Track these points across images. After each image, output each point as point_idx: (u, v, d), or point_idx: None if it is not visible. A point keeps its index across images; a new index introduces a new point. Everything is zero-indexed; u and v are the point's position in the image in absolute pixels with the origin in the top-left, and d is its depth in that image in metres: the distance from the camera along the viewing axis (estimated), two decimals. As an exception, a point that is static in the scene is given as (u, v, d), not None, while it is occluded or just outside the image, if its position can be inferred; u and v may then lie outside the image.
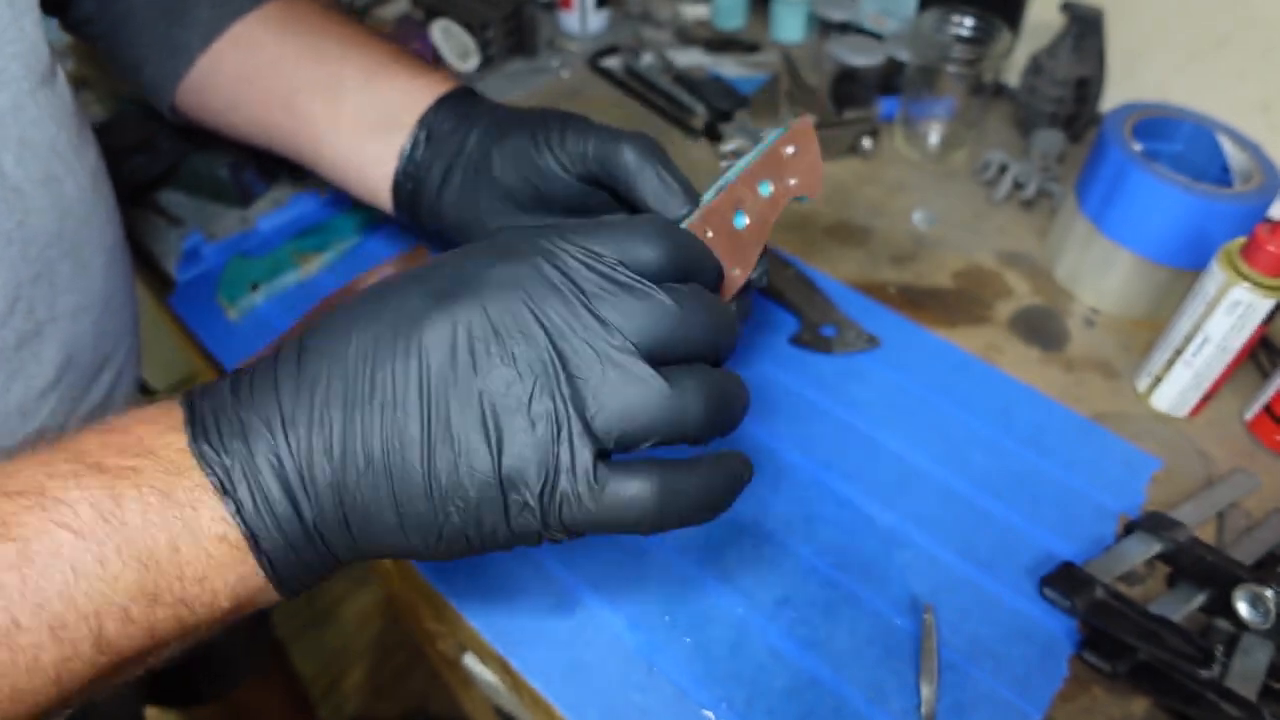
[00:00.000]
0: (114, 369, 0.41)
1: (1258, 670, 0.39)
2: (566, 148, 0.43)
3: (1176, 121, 0.60)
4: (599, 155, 0.42)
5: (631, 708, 0.41)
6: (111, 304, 0.40)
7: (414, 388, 0.26)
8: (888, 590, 0.45)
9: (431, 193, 0.47)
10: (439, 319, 0.26)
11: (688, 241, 0.30)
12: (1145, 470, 0.51)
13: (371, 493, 0.27)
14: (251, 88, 0.51)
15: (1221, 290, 0.48)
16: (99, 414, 0.40)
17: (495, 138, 0.45)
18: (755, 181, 0.37)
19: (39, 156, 0.35)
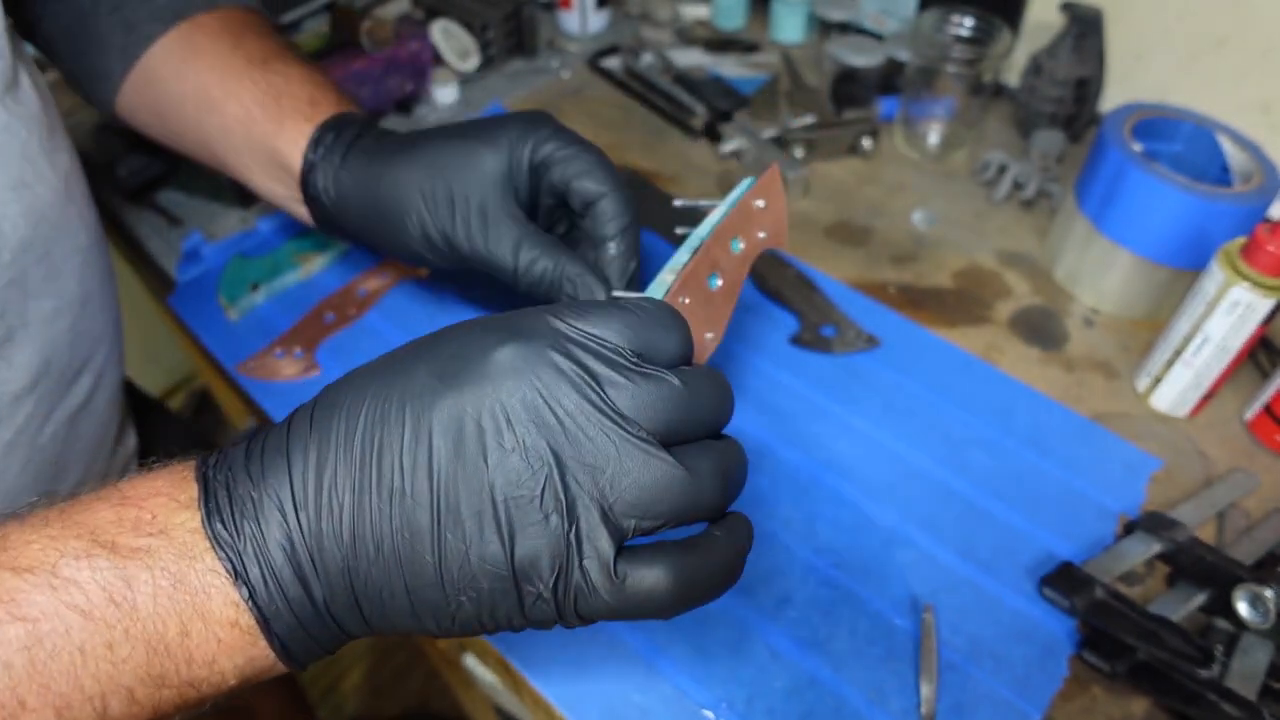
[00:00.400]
0: (94, 372, 0.41)
1: (1257, 670, 0.39)
2: (465, 258, 0.43)
3: (1176, 122, 0.60)
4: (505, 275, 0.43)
5: (631, 708, 0.41)
6: (89, 307, 0.40)
7: (423, 476, 0.26)
8: (888, 590, 0.45)
9: (350, 234, 0.48)
10: (447, 404, 0.26)
11: (686, 325, 0.30)
12: (1145, 470, 0.51)
13: (383, 578, 0.26)
14: (169, 124, 0.51)
15: (1221, 290, 0.48)
16: (78, 418, 0.40)
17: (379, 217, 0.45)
18: (728, 239, 0.36)
19: (8, 163, 0.35)
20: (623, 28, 0.93)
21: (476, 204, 0.43)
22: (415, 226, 0.43)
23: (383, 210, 0.44)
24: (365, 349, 0.58)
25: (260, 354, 0.57)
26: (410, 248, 0.45)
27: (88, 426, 0.41)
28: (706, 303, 0.34)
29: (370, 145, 0.45)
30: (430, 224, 0.43)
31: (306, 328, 0.59)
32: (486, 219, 0.43)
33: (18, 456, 0.36)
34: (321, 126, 0.46)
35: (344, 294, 0.61)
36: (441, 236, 0.43)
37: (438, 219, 0.43)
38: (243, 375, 0.56)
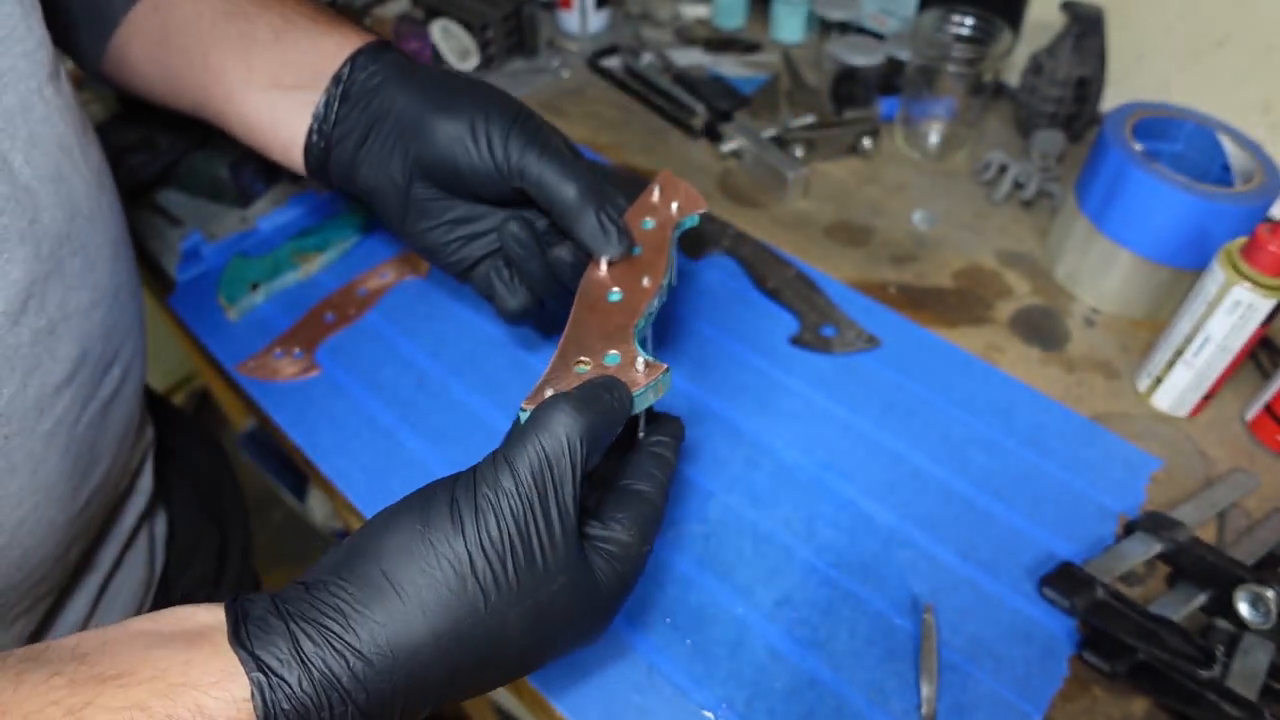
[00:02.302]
0: (123, 363, 0.42)
1: (1258, 670, 0.39)
2: (509, 157, 0.43)
3: (1177, 121, 0.60)
4: (539, 182, 0.43)
5: (631, 708, 0.41)
6: (119, 298, 0.41)
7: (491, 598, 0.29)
8: (888, 590, 0.45)
9: (345, 154, 0.46)
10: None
11: None
12: (1145, 470, 0.51)
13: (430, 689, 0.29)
14: (169, 48, 0.49)
15: (1222, 290, 0.48)
16: (109, 408, 0.41)
17: (428, 110, 0.44)
18: (636, 223, 0.45)
19: (48, 154, 0.35)
20: (623, 27, 0.93)
21: (538, 130, 0.44)
22: (472, 144, 0.43)
23: (442, 104, 0.44)
24: (365, 349, 0.58)
25: (260, 354, 0.57)
26: (446, 145, 0.44)
27: (117, 416, 0.42)
28: (632, 263, 0.43)
29: (429, 66, 0.46)
30: (489, 126, 0.43)
31: (306, 328, 0.59)
32: (542, 141, 0.43)
33: (57, 446, 0.36)
34: (386, 40, 0.47)
35: (344, 294, 0.61)
36: (499, 137, 0.43)
37: (498, 124, 0.43)
38: (242, 375, 0.56)
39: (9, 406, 0.33)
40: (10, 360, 0.32)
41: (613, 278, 0.42)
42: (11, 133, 0.34)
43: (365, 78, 0.46)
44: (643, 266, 0.42)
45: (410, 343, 0.58)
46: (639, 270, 0.42)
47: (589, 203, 0.42)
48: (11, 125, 0.34)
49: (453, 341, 0.58)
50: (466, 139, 0.43)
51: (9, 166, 0.33)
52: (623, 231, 0.43)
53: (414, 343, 0.58)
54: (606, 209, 0.43)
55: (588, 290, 0.41)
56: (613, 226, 0.42)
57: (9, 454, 0.33)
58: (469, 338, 0.58)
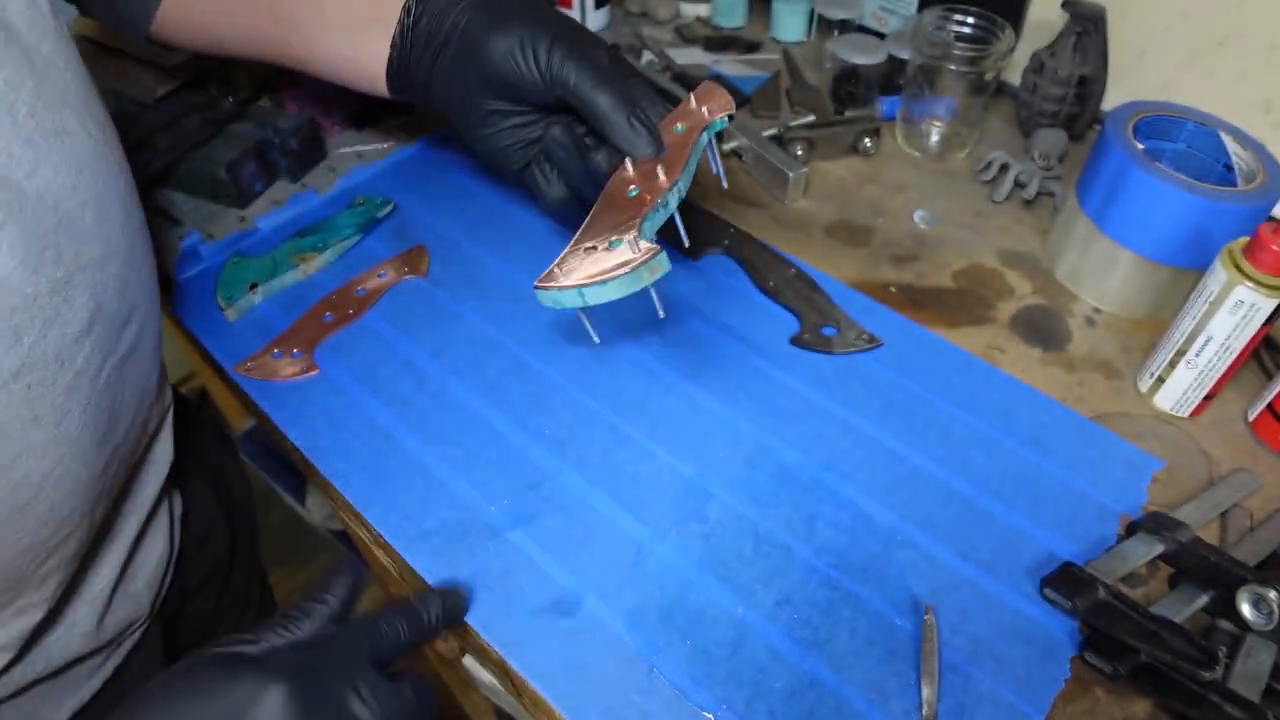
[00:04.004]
0: (138, 321, 0.42)
1: (1261, 672, 0.39)
2: (551, 69, 0.48)
3: (1179, 121, 0.59)
4: (577, 91, 0.48)
5: (631, 709, 0.41)
6: (134, 255, 0.42)
7: None
8: (888, 590, 0.45)
9: (424, 73, 0.51)
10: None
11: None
12: (1147, 470, 0.51)
13: None
14: (232, 3, 0.53)
15: (1224, 290, 0.48)
16: (126, 365, 0.42)
17: (485, 25, 0.49)
18: (670, 127, 0.48)
19: (51, 108, 0.35)
20: (622, 26, 0.93)
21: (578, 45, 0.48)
22: (522, 37, 0.48)
23: (496, 22, 0.49)
24: (364, 349, 0.57)
25: (259, 354, 0.57)
26: (500, 60, 0.48)
27: (135, 374, 0.43)
28: (655, 162, 0.46)
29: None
30: (536, 41, 0.48)
31: (305, 328, 0.59)
32: (581, 53, 0.48)
33: (78, 399, 0.37)
34: None
35: (343, 294, 0.61)
36: (544, 51, 0.48)
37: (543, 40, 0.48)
38: (241, 375, 0.56)
39: (30, 355, 0.33)
40: (30, 310, 0.33)
41: (636, 176, 0.46)
42: (18, 80, 0.34)
43: (432, 5, 0.50)
44: (664, 165, 0.46)
45: (409, 343, 0.58)
46: (660, 168, 0.46)
47: (620, 109, 0.47)
48: (18, 73, 0.34)
49: (452, 342, 0.58)
50: (516, 53, 0.48)
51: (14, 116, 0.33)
52: (652, 133, 0.47)
53: (413, 343, 0.58)
54: (637, 113, 0.47)
55: (611, 188, 0.46)
56: (643, 129, 0.47)
57: (32, 404, 0.34)
58: (469, 338, 0.58)
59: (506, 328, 0.59)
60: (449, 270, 0.63)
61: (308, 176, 0.71)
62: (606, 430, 0.53)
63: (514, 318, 0.59)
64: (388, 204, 0.67)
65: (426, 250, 0.64)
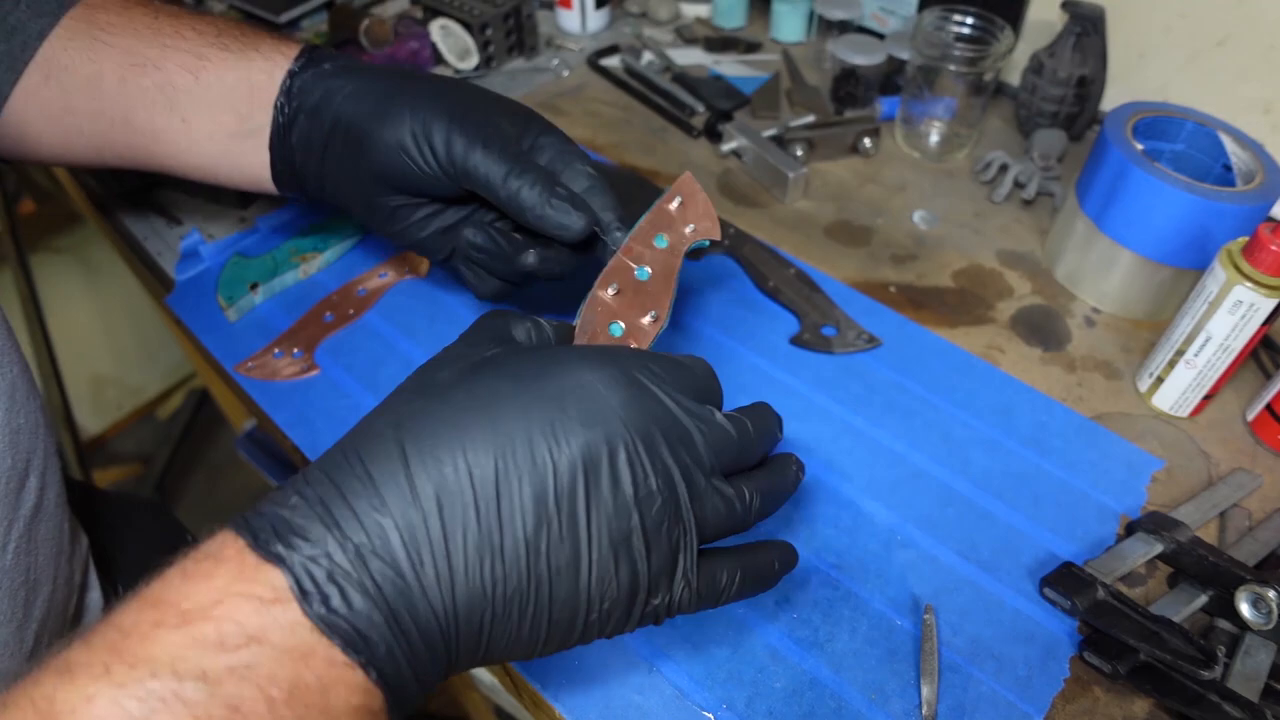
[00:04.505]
0: (38, 471, 0.38)
1: (1260, 671, 0.39)
2: (454, 160, 0.42)
3: (1178, 121, 0.59)
4: (486, 186, 0.42)
5: (631, 709, 0.41)
6: (17, 397, 0.37)
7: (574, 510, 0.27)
8: (888, 590, 0.45)
9: (313, 175, 0.47)
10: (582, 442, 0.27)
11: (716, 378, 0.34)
12: (1146, 470, 0.51)
13: (519, 618, 0.27)
14: (78, 116, 0.47)
15: (1224, 290, 0.48)
16: (35, 525, 0.37)
17: (368, 115, 0.43)
18: (649, 238, 0.41)
19: None
20: (622, 26, 0.93)
21: (476, 123, 0.43)
22: (410, 137, 0.43)
23: (379, 113, 0.43)
24: (364, 349, 0.58)
25: (259, 354, 0.57)
26: (390, 157, 0.43)
27: (46, 533, 0.38)
28: (638, 291, 0.40)
29: (370, 69, 0.46)
30: (429, 131, 0.43)
31: (305, 327, 0.59)
32: (484, 137, 0.43)
33: None
34: (308, 48, 0.46)
35: (343, 294, 0.61)
36: (440, 142, 0.42)
37: (437, 128, 0.43)
38: (241, 375, 0.56)
39: None
40: None
41: (617, 307, 0.39)
42: None
43: (303, 99, 0.45)
44: (647, 298, 0.40)
45: (410, 343, 0.58)
46: (644, 302, 0.40)
47: (540, 196, 0.41)
48: None
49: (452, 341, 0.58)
50: (409, 146, 0.43)
51: None
52: (577, 204, 0.42)
53: (413, 343, 0.58)
54: (556, 191, 0.42)
55: (590, 320, 0.39)
56: (565, 203, 0.42)
57: None
58: (468, 337, 0.58)
59: (507, 328, 0.59)
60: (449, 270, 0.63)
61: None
62: (607, 430, 0.52)
63: (514, 318, 0.59)
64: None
65: (427, 250, 0.64)
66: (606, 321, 0.39)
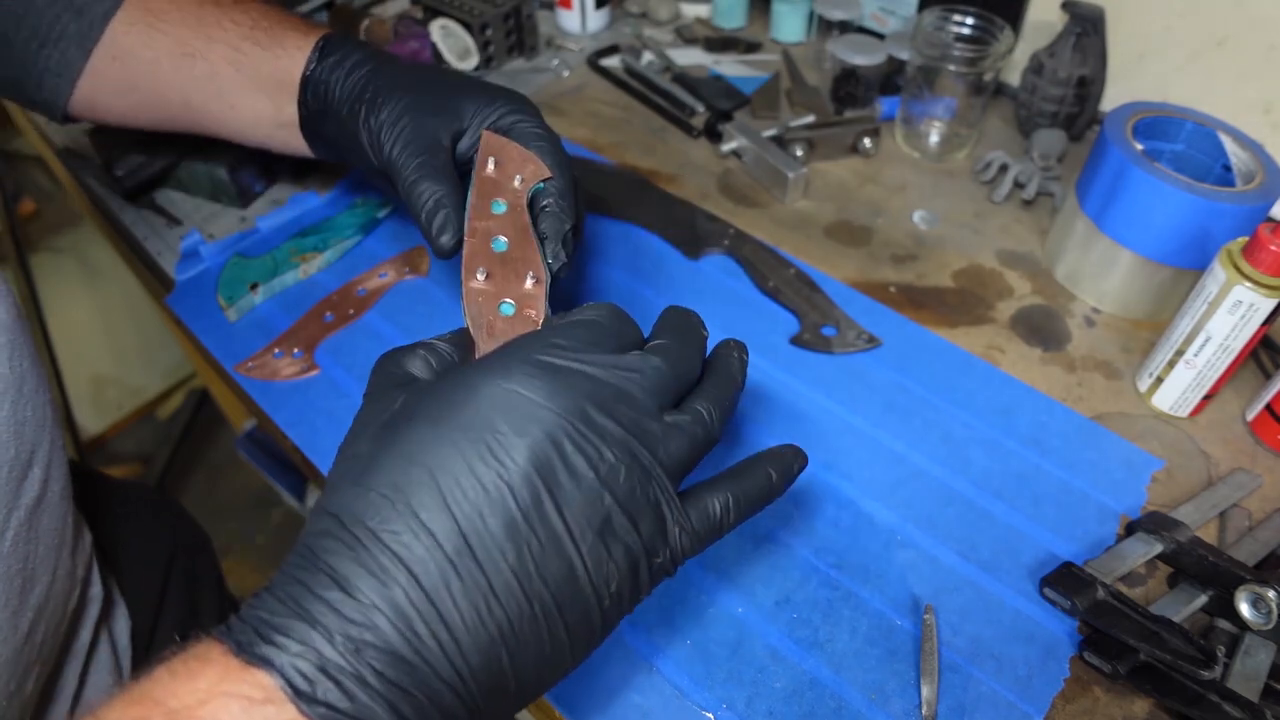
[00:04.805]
0: (42, 463, 0.38)
1: (1260, 671, 0.39)
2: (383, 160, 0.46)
3: (1178, 121, 0.60)
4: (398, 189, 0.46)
5: (631, 709, 0.41)
6: (25, 390, 0.37)
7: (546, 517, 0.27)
8: (888, 590, 0.45)
9: (345, 152, 0.51)
10: (527, 448, 0.27)
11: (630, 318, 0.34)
12: (1146, 470, 0.51)
13: (536, 643, 0.27)
14: (141, 95, 0.53)
15: (1223, 290, 0.48)
16: (36, 515, 0.38)
17: (353, 117, 0.48)
18: (485, 210, 0.41)
19: None
20: (622, 26, 0.93)
21: (412, 120, 0.46)
22: (362, 122, 0.47)
23: (354, 108, 0.48)
24: (364, 349, 0.58)
25: (259, 354, 0.57)
26: (361, 149, 0.48)
27: (47, 524, 0.39)
28: (505, 262, 0.39)
29: (364, 55, 0.49)
30: (372, 124, 0.47)
31: (305, 328, 0.59)
32: (411, 134, 0.46)
33: None
34: (323, 39, 0.50)
35: (343, 294, 0.61)
36: (376, 138, 0.47)
37: (376, 122, 0.47)
38: (241, 375, 0.56)
39: None
40: None
41: (496, 288, 0.38)
42: None
43: (318, 93, 0.50)
44: (518, 264, 0.39)
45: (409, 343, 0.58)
46: (517, 269, 0.39)
47: (419, 212, 0.43)
48: None
49: (452, 341, 0.58)
50: (365, 147, 0.47)
51: None
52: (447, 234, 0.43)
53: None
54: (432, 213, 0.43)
55: (477, 314, 0.37)
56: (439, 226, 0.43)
57: None
58: (468, 337, 0.58)
59: (507, 328, 0.59)
60: (449, 270, 0.63)
61: (308, 177, 0.71)
62: (607, 430, 0.53)
63: (514, 318, 0.59)
64: (387, 204, 0.67)
65: (427, 250, 0.64)
66: (494, 305, 0.37)
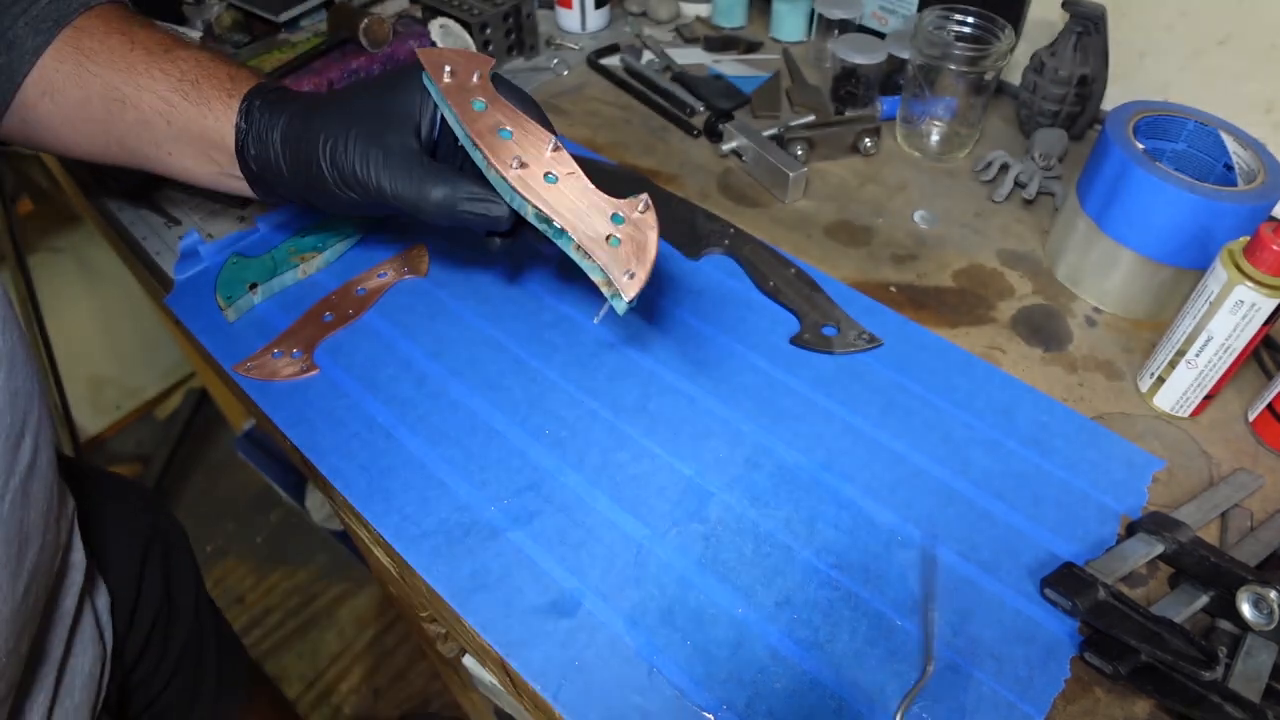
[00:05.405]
0: (32, 432, 0.40)
1: (1261, 672, 0.39)
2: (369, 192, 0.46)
3: (1179, 120, 0.59)
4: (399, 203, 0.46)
5: (631, 709, 0.41)
6: (15, 362, 0.39)
7: None
8: (888, 591, 0.45)
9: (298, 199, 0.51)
10: None
11: None
12: (1147, 470, 0.51)
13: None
14: (77, 131, 0.51)
15: (1225, 290, 0.48)
16: (29, 483, 0.39)
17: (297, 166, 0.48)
18: (471, 115, 0.45)
19: None
20: (622, 26, 0.93)
21: (377, 145, 0.46)
22: (329, 172, 0.46)
23: (306, 163, 0.47)
24: (364, 349, 0.57)
25: (258, 354, 0.57)
26: (333, 195, 0.48)
27: (38, 490, 0.41)
28: (520, 144, 0.46)
29: (294, 107, 0.48)
30: (340, 168, 0.46)
31: (304, 328, 0.58)
32: (384, 157, 0.45)
33: None
34: (246, 98, 0.49)
35: (342, 294, 0.61)
36: (351, 178, 0.46)
37: (346, 162, 0.46)
38: (240, 375, 0.56)
39: None
40: None
41: (532, 167, 0.45)
42: None
43: (257, 152, 0.49)
44: (528, 140, 0.46)
45: (409, 343, 0.58)
46: (532, 143, 0.45)
47: (450, 210, 0.45)
48: None
49: (452, 341, 0.58)
50: (331, 189, 0.47)
51: None
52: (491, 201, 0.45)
53: (413, 343, 0.58)
54: (464, 204, 0.45)
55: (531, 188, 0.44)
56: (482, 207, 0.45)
57: None
58: (468, 338, 0.58)
59: (506, 328, 0.59)
60: (449, 270, 0.63)
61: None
62: (606, 430, 0.52)
63: (514, 318, 0.59)
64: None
65: (426, 250, 0.64)
66: (540, 179, 0.45)
